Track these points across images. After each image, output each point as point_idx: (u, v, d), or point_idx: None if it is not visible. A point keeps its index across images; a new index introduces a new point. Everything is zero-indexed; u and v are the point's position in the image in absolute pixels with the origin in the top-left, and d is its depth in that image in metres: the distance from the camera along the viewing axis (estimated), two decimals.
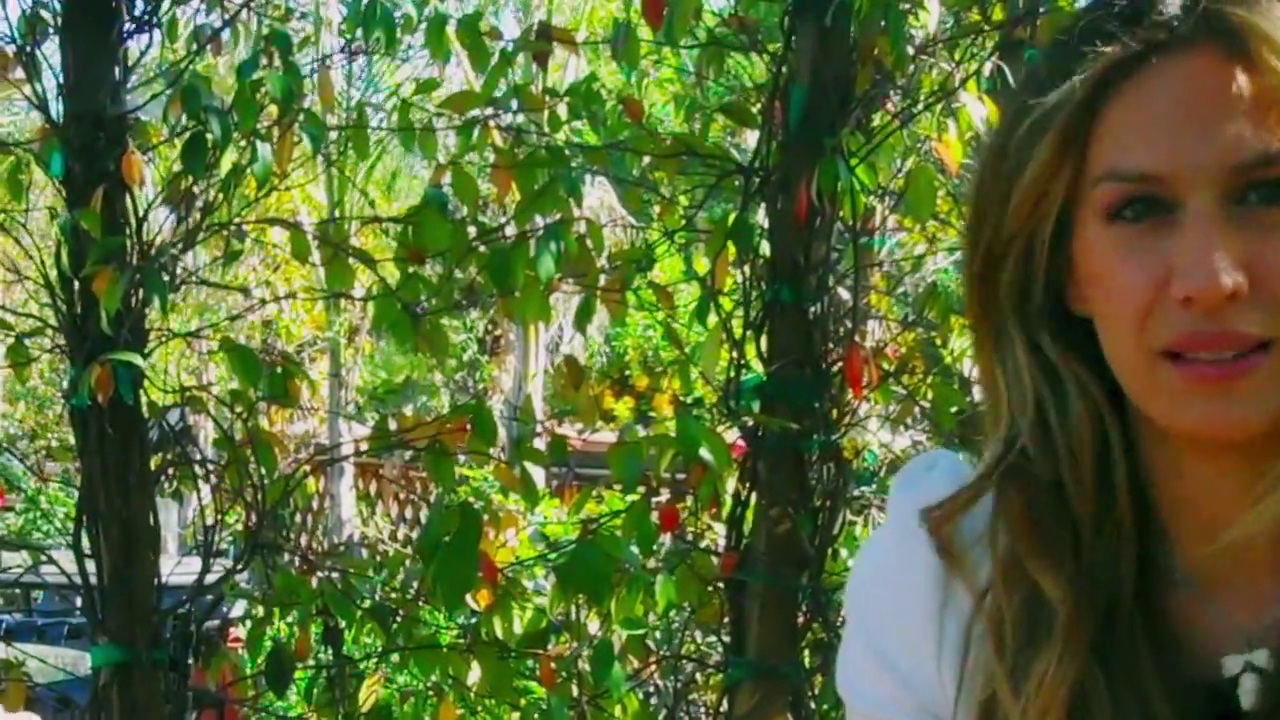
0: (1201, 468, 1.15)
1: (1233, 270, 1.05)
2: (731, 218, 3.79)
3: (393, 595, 4.09)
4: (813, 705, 3.80)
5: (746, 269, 3.79)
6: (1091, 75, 1.10)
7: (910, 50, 3.81)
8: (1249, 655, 1.14)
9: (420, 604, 4.07)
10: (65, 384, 3.96)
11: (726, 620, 3.84)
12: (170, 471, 4.03)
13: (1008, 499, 1.19)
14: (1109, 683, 1.14)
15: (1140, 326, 1.09)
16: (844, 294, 3.92)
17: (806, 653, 3.84)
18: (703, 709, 4.97)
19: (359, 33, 4.16)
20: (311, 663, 4.20)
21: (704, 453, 3.56)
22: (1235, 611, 1.16)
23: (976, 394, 4.62)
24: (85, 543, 3.87)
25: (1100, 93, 1.10)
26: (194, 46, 4.06)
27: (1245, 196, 1.06)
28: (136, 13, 3.92)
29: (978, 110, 3.79)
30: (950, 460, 1.28)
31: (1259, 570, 1.16)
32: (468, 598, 3.79)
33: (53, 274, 3.84)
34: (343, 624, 4.01)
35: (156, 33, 4.00)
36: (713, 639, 4.34)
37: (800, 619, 3.78)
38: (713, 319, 3.79)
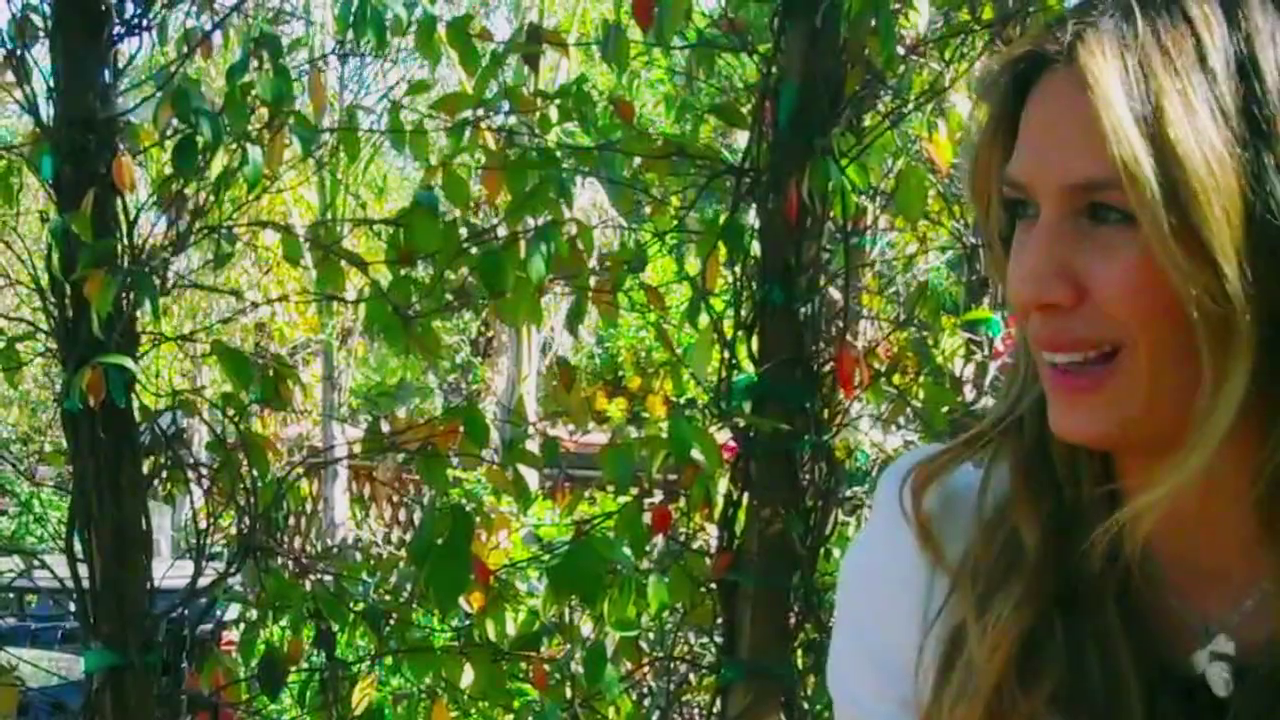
0: (1124, 466, 1.18)
1: (1050, 282, 1.10)
2: (722, 218, 3.79)
3: (386, 598, 4.09)
4: (805, 706, 3.80)
5: (737, 269, 3.79)
6: (1008, 81, 1.16)
7: (900, 50, 3.81)
8: (1211, 645, 1.16)
9: (413, 606, 4.07)
10: (57, 388, 3.96)
11: (719, 621, 3.84)
12: (163, 475, 4.03)
13: (1007, 449, 1.22)
14: (1070, 635, 1.16)
15: (1025, 322, 1.15)
16: (835, 294, 3.92)
17: (799, 653, 3.84)
18: (696, 710, 4.98)
19: (350, 34, 4.16)
20: (304, 666, 4.20)
21: (696, 454, 3.56)
22: (1209, 612, 1.18)
23: (968, 393, 4.63)
24: (78, 547, 3.87)
25: (1018, 98, 1.15)
26: (184, 49, 4.06)
27: (1090, 213, 1.10)
28: (127, 16, 3.92)
29: (968, 110, 3.79)
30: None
31: (1229, 570, 1.17)
32: (460, 600, 3.79)
33: (44, 278, 3.83)
34: (335, 627, 4.01)
35: (147, 36, 4.00)
36: (705, 640, 4.35)
37: (792, 619, 3.78)
38: (704, 320, 3.79)
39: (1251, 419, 1.09)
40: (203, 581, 3.98)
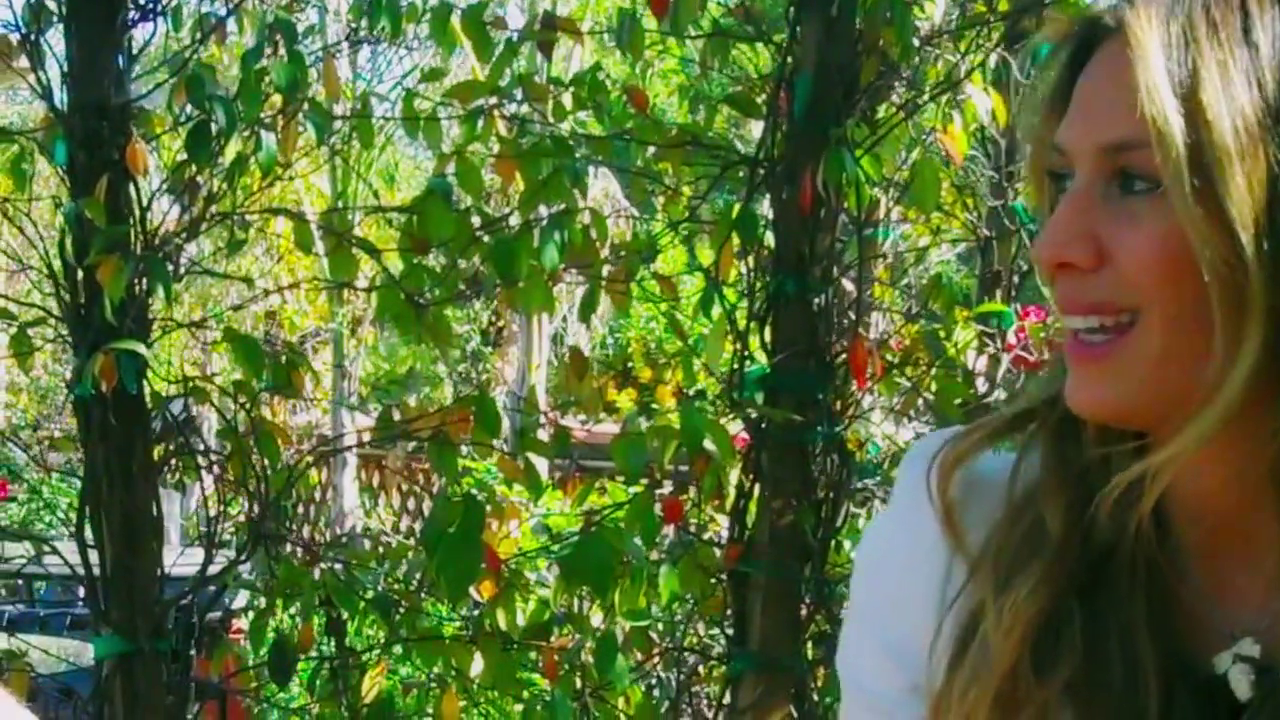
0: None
1: (1071, 243, 1.11)
2: (736, 209, 3.79)
3: (396, 586, 4.09)
4: (815, 697, 3.80)
5: (751, 260, 3.78)
6: (1066, 54, 1.18)
7: (916, 41, 3.80)
8: (1235, 647, 1.14)
9: (423, 595, 4.07)
10: (68, 374, 3.96)
11: (729, 612, 3.84)
12: (173, 462, 4.03)
13: (1039, 434, 1.22)
14: (1091, 624, 1.15)
15: (1052, 289, 1.15)
16: (848, 285, 3.91)
17: (809, 645, 3.84)
18: (705, 701, 4.97)
19: (364, 22, 4.15)
20: (314, 654, 4.20)
21: (707, 444, 3.56)
22: (1235, 612, 1.16)
23: (980, 386, 4.63)
24: (88, 533, 3.87)
25: (1075, 71, 1.17)
26: (198, 35, 4.05)
27: (1120, 182, 1.11)
28: (141, 1, 3.91)
29: (983, 102, 3.79)
30: None
31: (1258, 566, 1.16)
32: (471, 589, 3.79)
33: (56, 263, 3.83)
34: (345, 615, 4.01)
35: (161, 21, 3.99)
36: (716, 631, 4.34)
37: (803, 611, 3.78)
38: (717, 310, 3.78)
39: (1267, 394, 1.09)
40: (213, 569, 3.98)
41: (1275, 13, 1.08)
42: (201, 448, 4.16)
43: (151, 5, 3.93)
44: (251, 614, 4.25)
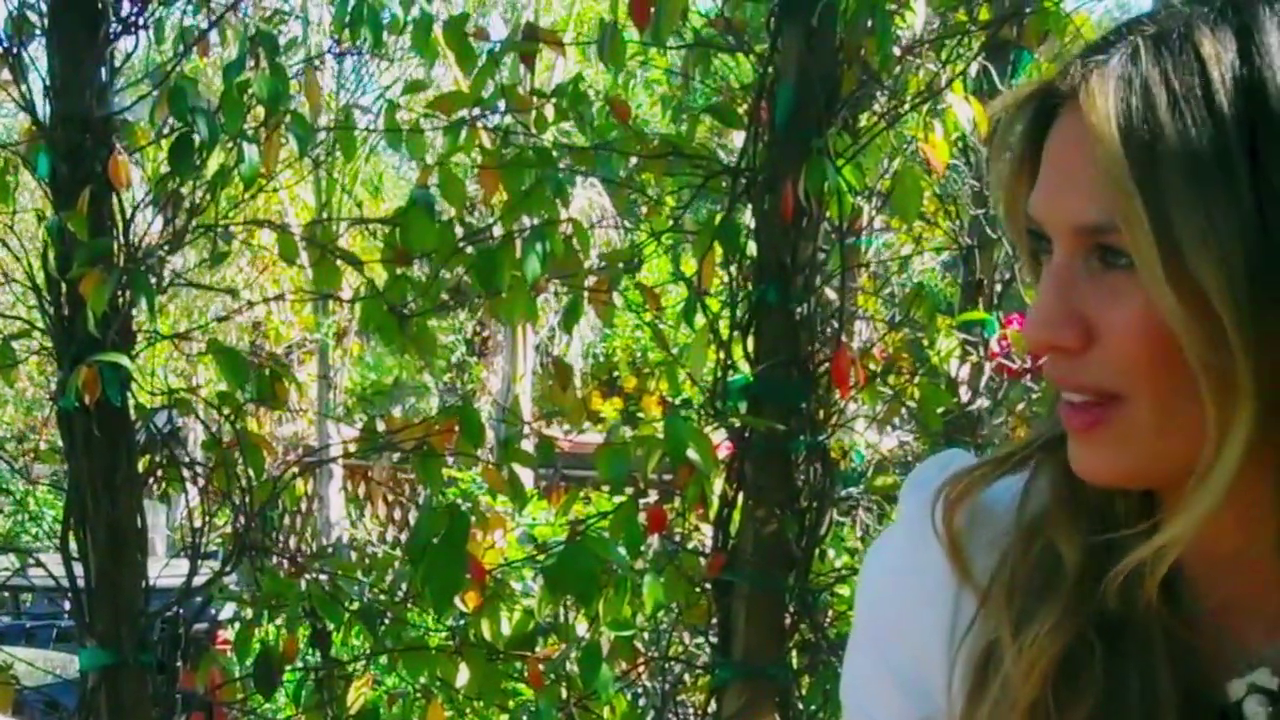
0: (1161, 496, 1.15)
1: (1058, 327, 1.08)
2: (718, 218, 3.79)
3: (381, 597, 4.09)
4: (800, 706, 3.80)
5: (733, 269, 3.79)
6: (1030, 114, 1.13)
7: (896, 51, 3.82)
8: (1250, 676, 1.13)
9: (408, 606, 4.07)
10: (53, 386, 3.96)
11: (714, 621, 3.85)
12: (158, 474, 4.03)
13: (1047, 466, 1.19)
14: (1110, 657, 1.14)
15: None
16: (831, 294, 3.92)
17: (794, 653, 3.84)
18: (691, 710, 4.98)
19: (346, 33, 4.16)
20: (299, 665, 4.20)
21: (691, 453, 3.56)
22: (1248, 643, 1.15)
23: (963, 394, 4.64)
24: (73, 545, 3.87)
25: (1041, 131, 1.12)
26: (180, 48, 4.05)
27: (1100, 255, 1.07)
28: (123, 14, 3.92)
29: (964, 111, 3.80)
30: (965, 459, 1.27)
31: (1266, 604, 1.15)
32: (456, 599, 3.79)
33: (40, 276, 3.83)
34: (331, 626, 4.01)
35: (143, 34, 4.00)
36: (700, 640, 4.35)
37: (787, 620, 3.79)
38: (700, 320, 3.79)
39: (1266, 458, 1.06)
40: (198, 580, 3.97)
41: (1235, 73, 1.03)
42: (186, 459, 4.16)
43: (134, 18, 3.93)
44: (237, 625, 4.25)
